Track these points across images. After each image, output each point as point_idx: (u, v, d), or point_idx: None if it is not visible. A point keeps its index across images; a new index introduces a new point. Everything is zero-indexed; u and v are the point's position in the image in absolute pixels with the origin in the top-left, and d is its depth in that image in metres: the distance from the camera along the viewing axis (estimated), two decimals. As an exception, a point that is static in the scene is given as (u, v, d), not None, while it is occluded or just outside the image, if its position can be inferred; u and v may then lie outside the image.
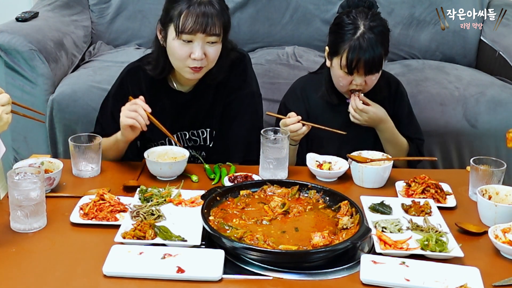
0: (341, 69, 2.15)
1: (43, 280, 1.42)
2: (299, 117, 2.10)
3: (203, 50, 1.98)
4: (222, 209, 1.71)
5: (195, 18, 1.94)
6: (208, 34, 1.96)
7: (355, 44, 2.10)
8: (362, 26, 2.12)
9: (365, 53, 2.10)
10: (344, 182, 2.00)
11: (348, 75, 2.15)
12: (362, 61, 2.10)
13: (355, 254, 1.55)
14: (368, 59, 2.10)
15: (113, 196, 1.74)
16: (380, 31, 2.14)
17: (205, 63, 2.01)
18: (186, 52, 1.98)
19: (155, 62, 2.10)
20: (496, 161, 1.89)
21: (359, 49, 2.10)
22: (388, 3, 3.53)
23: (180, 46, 1.98)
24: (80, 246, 1.56)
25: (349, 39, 2.12)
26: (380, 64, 2.14)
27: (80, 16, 3.48)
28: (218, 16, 1.97)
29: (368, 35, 2.11)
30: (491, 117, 3.00)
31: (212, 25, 1.95)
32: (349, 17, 2.16)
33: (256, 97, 2.25)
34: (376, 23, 2.14)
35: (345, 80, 2.17)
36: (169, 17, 1.99)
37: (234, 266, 1.49)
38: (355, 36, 2.11)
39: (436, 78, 3.20)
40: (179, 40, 1.97)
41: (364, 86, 2.18)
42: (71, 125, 2.93)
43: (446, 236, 1.59)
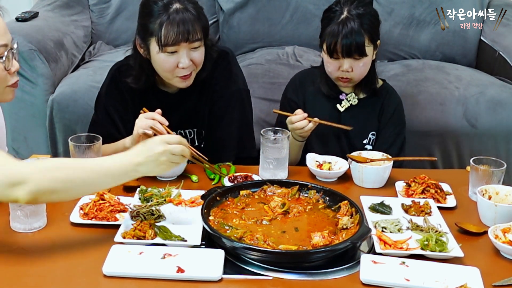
0: (325, 53, 2.20)
1: (43, 280, 1.42)
2: (305, 114, 2.12)
3: (189, 57, 1.99)
4: (222, 209, 1.71)
5: (176, 28, 1.94)
6: (191, 41, 1.97)
7: (334, 28, 2.15)
8: (346, 11, 2.16)
9: (344, 37, 2.13)
10: (344, 182, 2.00)
11: (333, 60, 2.18)
12: (340, 44, 2.14)
13: (355, 254, 1.55)
14: (346, 43, 2.13)
15: (113, 196, 1.74)
16: (366, 18, 2.17)
17: (192, 68, 2.02)
18: (173, 63, 1.99)
19: (138, 75, 2.10)
20: (496, 161, 1.89)
21: (337, 33, 2.14)
22: (388, 3, 3.53)
23: (166, 59, 1.98)
24: (80, 246, 1.56)
25: (332, 24, 2.16)
26: (361, 49, 2.15)
27: (80, 16, 3.48)
28: (197, 21, 1.97)
29: (350, 21, 2.14)
30: (491, 117, 3.00)
31: (193, 31, 1.96)
32: (337, 5, 2.21)
33: (244, 93, 2.24)
34: (361, 11, 2.17)
35: (332, 65, 2.21)
36: (149, 32, 1.98)
37: (234, 266, 1.49)
38: (337, 21, 2.15)
39: (436, 78, 3.20)
40: (163, 53, 1.98)
41: (352, 74, 2.20)
42: (71, 125, 2.93)
43: (446, 236, 1.59)
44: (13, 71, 1.64)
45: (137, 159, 1.52)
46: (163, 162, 1.53)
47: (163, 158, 1.53)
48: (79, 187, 1.49)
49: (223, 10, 3.53)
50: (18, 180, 1.40)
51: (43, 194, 1.43)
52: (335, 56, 2.17)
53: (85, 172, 1.48)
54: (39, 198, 1.44)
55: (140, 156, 1.52)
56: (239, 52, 3.47)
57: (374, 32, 2.21)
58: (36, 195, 1.41)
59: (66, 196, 1.51)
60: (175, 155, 1.55)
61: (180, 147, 1.56)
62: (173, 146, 1.54)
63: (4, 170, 1.42)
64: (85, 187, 1.50)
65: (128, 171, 1.52)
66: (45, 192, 1.43)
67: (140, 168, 1.52)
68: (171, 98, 2.16)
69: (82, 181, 1.48)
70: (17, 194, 1.40)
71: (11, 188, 1.40)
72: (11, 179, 1.40)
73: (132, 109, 2.13)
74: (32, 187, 1.40)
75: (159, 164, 1.53)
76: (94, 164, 1.52)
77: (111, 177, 1.51)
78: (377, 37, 2.24)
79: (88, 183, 1.49)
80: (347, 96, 2.30)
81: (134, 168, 1.52)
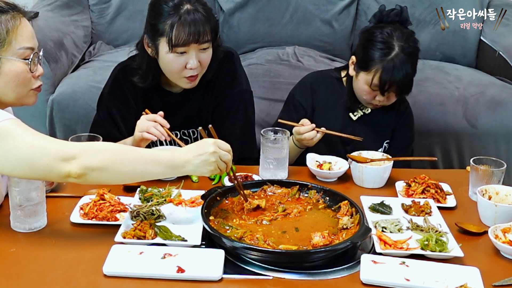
0: (367, 85, 2.15)
1: (43, 280, 1.42)
2: (313, 125, 2.10)
3: (197, 58, 1.99)
4: (222, 209, 1.72)
5: (187, 29, 1.94)
6: (201, 42, 1.97)
7: (389, 66, 2.09)
8: (397, 47, 2.10)
9: (398, 77, 2.09)
10: (344, 182, 2.00)
11: (373, 91, 2.15)
12: (395, 83, 2.11)
13: (355, 254, 1.55)
14: (400, 81, 2.10)
15: (113, 196, 1.74)
16: (412, 52, 2.12)
17: (199, 69, 2.03)
18: (182, 63, 1.99)
19: (145, 74, 2.10)
20: (496, 161, 1.89)
21: (392, 72, 2.08)
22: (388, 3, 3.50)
23: (175, 59, 1.99)
24: (80, 246, 1.56)
25: (383, 60, 2.10)
26: (411, 85, 2.14)
27: (80, 16, 3.48)
28: (207, 22, 1.98)
29: (402, 57, 2.09)
30: (491, 117, 3.00)
31: (203, 33, 1.96)
32: (383, 34, 2.13)
33: (247, 94, 2.25)
34: (410, 44, 2.12)
35: (370, 95, 2.18)
36: (160, 32, 1.98)
37: (234, 266, 1.49)
38: (389, 57, 2.09)
39: (436, 78, 3.21)
40: (173, 54, 1.98)
41: (386, 102, 2.20)
42: (71, 125, 2.93)
43: (446, 236, 1.59)
44: (37, 75, 1.69)
45: (187, 155, 1.55)
46: (211, 163, 1.56)
47: (213, 159, 1.56)
48: (128, 170, 1.52)
49: (223, 10, 3.53)
50: (70, 154, 1.46)
51: (93, 171, 1.47)
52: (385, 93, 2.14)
53: (136, 156, 1.54)
54: (89, 175, 1.47)
55: (191, 153, 1.55)
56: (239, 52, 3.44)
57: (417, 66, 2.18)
58: (86, 171, 1.46)
59: (115, 178, 1.53)
60: (222, 161, 1.58)
61: (229, 156, 1.60)
62: (223, 152, 1.58)
63: (57, 145, 1.49)
64: (134, 171, 1.53)
65: (176, 165, 1.55)
66: (94, 169, 1.47)
67: (188, 165, 1.55)
68: (175, 98, 2.16)
69: (132, 164, 1.52)
70: (69, 167, 1.46)
71: (64, 162, 1.46)
72: (64, 154, 1.46)
73: (134, 110, 2.13)
74: (83, 162, 1.46)
75: (207, 164, 1.56)
76: (145, 151, 1.60)
77: (160, 166, 1.54)
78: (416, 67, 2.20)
79: (138, 168, 1.53)
80: (360, 105, 2.29)
81: (182, 164, 1.55)
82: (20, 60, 1.61)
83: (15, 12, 1.61)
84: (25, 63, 1.62)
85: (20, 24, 1.61)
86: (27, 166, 1.47)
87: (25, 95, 1.67)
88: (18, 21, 1.60)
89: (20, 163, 1.46)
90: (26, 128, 1.51)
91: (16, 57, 1.60)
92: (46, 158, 1.46)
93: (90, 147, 1.53)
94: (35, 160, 1.46)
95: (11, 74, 1.60)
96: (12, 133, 1.47)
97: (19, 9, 1.63)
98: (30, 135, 1.49)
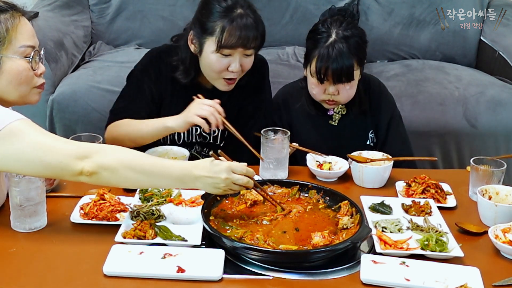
0: (312, 77, 2.14)
1: (43, 280, 1.42)
2: None
3: (240, 62, 2.02)
4: (222, 209, 1.72)
5: (238, 33, 1.96)
6: (247, 48, 2.00)
7: (324, 52, 2.08)
8: (334, 34, 2.10)
9: (333, 62, 2.07)
10: (344, 182, 2.00)
11: (319, 83, 2.13)
12: (330, 69, 2.07)
13: (355, 254, 1.55)
14: (336, 68, 2.07)
15: (114, 196, 1.74)
16: (354, 41, 2.10)
17: (240, 74, 2.05)
18: (224, 65, 2.01)
19: (187, 70, 2.12)
20: (496, 161, 1.89)
21: (327, 58, 2.07)
22: (388, 3, 3.53)
23: (218, 60, 2.01)
24: (80, 246, 1.56)
25: (320, 47, 2.10)
26: (350, 74, 2.09)
27: (80, 16, 3.48)
28: (256, 29, 2.00)
29: (339, 44, 2.07)
30: (491, 117, 3.01)
31: (252, 39, 1.99)
32: (324, 26, 2.14)
33: (269, 105, 2.29)
34: (349, 33, 2.10)
35: (318, 88, 2.15)
36: (209, 31, 2.00)
37: (234, 266, 1.49)
38: (325, 44, 2.09)
39: (436, 78, 3.21)
40: (217, 54, 1.99)
41: (338, 97, 2.15)
42: (71, 125, 2.93)
43: (446, 236, 1.59)
44: (39, 73, 1.69)
45: (199, 172, 1.56)
46: (220, 187, 1.58)
47: (222, 185, 1.57)
48: (137, 174, 1.54)
49: (223, 10, 3.52)
50: (86, 153, 1.51)
51: (105, 171, 1.50)
52: (325, 81, 2.11)
53: (146, 162, 1.56)
54: (100, 174, 1.50)
55: (203, 172, 1.56)
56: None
57: (362, 54, 2.14)
58: (99, 170, 1.50)
59: (125, 181, 1.55)
60: (236, 185, 1.59)
61: (245, 180, 1.60)
62: (238, 177, 1.58)
63: (74, 144, 1.56)
64: (143, 176, 1.55)
65: (186, 181, 1.57)
66: (106, 169, 1.51)
67: (198, 183, 1.57)
68: (204, 93, 2.14)
69: (141, 169, 1.54)
70: (82, 165, 1.49)
71: (78, 161, 1.49)
72: (80, 152, 1.50)
73: (163, 94, 2.15)
74: (96, 161, 1.50)
75: (215, 188, 1.58)
76: (158, 161, 1.61)
77: (169, 179, 1.57)
78: (364, 59, 2.17)
79: (147, 173, 1.55)
80: (335, 109, 2.25)
81: (192, 180, 1.57)
82: (21, 58, 1.62)
83: (14, 11, 1.62)
84: (26, 61, 1.63)
85: (19, 22, 1.62)
86: (40, 164, 1.49)
87: (28, 93, 1.68)
88: (17, 20, 1.61)
89: (33, 161, 1.48)
90: (38, 127, 1.53)
91: (17, 55, 1.61)
92: (59, 156, 1.49)
93: (107, 147, 1.57)
94: (48, 158, 1.48)
95: (12, 72, 1.61)
96: (24, 133, 1.49)
97: (18, 8, 1.64)
98: (42, 134, 1.52)
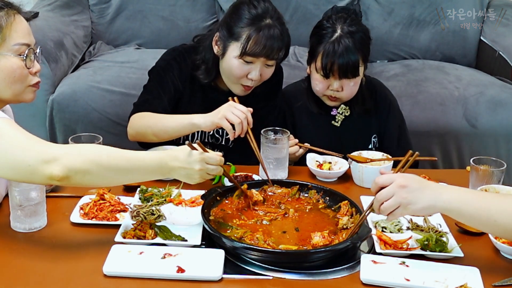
0: (317, 73, 2.14)
1: (43, 280, 1.42)
2: (296, 140, 2.10)
3: (261, 71, 2.03)
4: (222, 209, 1.72)
5: (263, 42, 1.98)
6: (270, 59, 2.01)
7: (330, 47, 2.09)
8: (340, 30, 2.11)
9: (339, 57, 2.07)
10: (344, 182, 2.00)
11: (324, 79, 2.13)
12: (336, 64, 2.08)
13: (355, 254, 1.55)
14: (342, 63, 2.08)
15: (113, 196, 1.74)
16: (359, 37, 2.11)
17: (258, 82, 2.07)
18: (245, 71, 2.02)
19: (209, 70, 2.13)
20: (496, 161, 1.89)
21: (333, 53, 2.08)
22: (388, 3, 3.53)
23: (240, 66, 2.02)
24: (80, 246, 1.56)
25: (325, 42, 2.10)
26: (355, 69, 2.10)
27: (80, 16, 3.48)
28: (282, 41, 2.01)
29: (345, 39, 2.08)
30: (491, 117, 3.00)
31: (276, 50, 2.00)
32: (329, 22, 2.15)
33: (281, 111, 2.29)
34: (354, 29, 2.11)
35: (322, 84, 2.15)
36: (235, 36, 2.01)
37: (234, 266, 1.49)
38: (331, 39, 2.10)
39: (436, 78, 3.21)
40: (240, 60, 2.01)
41: (341, 93, 2.15)
42: (71, 125, 2.93)
43: (446, 236, 1.59)
44: (34, 71, 1.68)
45: (174, 164, 1.55)
46: (194, 178, 1.58)
47: (197, 176, 1.57)
48: (112, 173, 1.51)
49: (223, 10, 3.53)
50: (52, 156, 1.44)
51: (76, 174, 1.45)
52: (330, 76, 2.11)
53: (120, 159, 1.52)
54: (72, 178, 1.45)
55: (177, 163, 1.55)
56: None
57: (367, 51, 2.15)
58: (69, 173, 1.44)
59: (99, 181, 1.52)
60: (209, 174, 1.59)
61: (218, 170, 1.60)
62: (212, 167, 1.58)
63: (39, 146, 1.47)
64: (118, 174, 1.52)
65: (163, 172, 1.57)
66: (78, 172, 1.45)
67: (173, 173, 1.57)
68: (218, 96, 2.15)
69: (116, 167, 1.51)
70: (51, 170, 1.43)
71: (45, 165, 1.43)
72: (45, 156, 1.44)
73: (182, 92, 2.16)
74: (66, 164, 1.43)
75: (189, 178, 1.58)
76: (131, 154, 1.55)
77: (146, 172, 1.55)
78: (368, 56, 2.18)
79: (122, 171, 1.52)
80: (338, 110, 2.25)
81: (168, 171, 1.56)
82: (15, 56, 1.60)
83: (9, 9, 1.60)
84: (20, 59, 1.61)
85: (14, 20, 1.60)
86: (10, 167, 1.45)
87: (22, 91, 1.66)
88: (12, 18, 1.59)
89: (4, 164, 1.45)
90: (16, 128, 1.49)
91: (12, 53, 1.60)
92: (28, 160, 1.44)
93: (73, 149, 1.52)
94: (18, 161, 1.44)
95: (6, 70, 1.59)
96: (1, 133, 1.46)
97: (13, 6, 1.62)
98: (18, 135, 1.47)
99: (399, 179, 1.45)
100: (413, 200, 1.43)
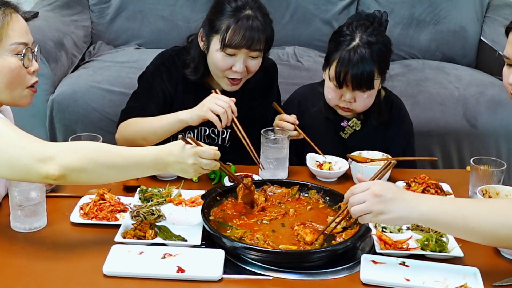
0: (330, 81, 2.08)
1: (43, 280, 1.42)
2: (296, 122, 2.08)
3: (245, 63, 2.02)
4: (222, 209, 1.72)
5: (243, 33, 1.96)
6: (252, 50, 2.00)
7: (345, 55, 2.01)
8: (358, 38, 2.02)
9: (353, 67, 1.99)
10: (344, 182, 2.00)
11: (337, 88, 2.06)
12: (350, 74, 1.99)
13: (355, 254, 1.55)
14: (356, 73, 1.99)
15: (113, 196, 1.74)
16: (377, 48, 2.02)
17: (245, 74, 2.05)
18: (228, 64, 2.02)
19: (196, 67, 2.13)
20: (496, 161, 1.89)
21: (347, 62, 2.00)
22: (388, 3, 3.53)
23: (222, 58, 2.01)
24: (80, 246, 1.56)
25: (342, 50, 2.03)
26: (370, 81, 2.01)
27: (80, 16, 3.48)
28: (263, 31, 2.00)
29: (361, 49, 2.00)
30: (491, 117, 3.01)
31: (257, 41, 1.99)
32: (349, 28, 2.07)
33: None
34: (374, 39, 2.03)
35: (334, 93, 2.08)
36: (215, 29, 2.01)
37: (234, 266, 1.49)
38: (347, 48, 2.02)
39: (436, 78, 3.21)
40: (222, 53, 2.00)
41: (354, 105, 2.08)
42: (71, 125, 2.93)
43: (446, 236, 1.59)
44: (32, 70, 1.67)
45: (168, 159, 1.54)
46: (189, 173, 1.57)
47: (191, 170, 1.56)
48: (108, 170, 1.50)
49: (223, 10, 3.53)
50: (47, 155, 1.44)
51: (72, 172, 1.45)
52: (343, 86, 2.03)
53: (116, 156, 1.51)
54: (68, 176, 1.46)
55: (172, 158, 1.54)
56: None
57: (384, 63, 2.06)
58: (65, 172, 1.44)
59: (96, 178, 1.52)
60: (204, 169, 1.57)
61: (213, 164, 1.57)
62: (205, 162, 1.55)
63: (34, 145, 1.47)
64: (114, 171, 1.52)
65: (159, 168, 1.56)
66: (74, 170, 1.45)
67: (169, 168, 1.55)
68: None
69: (112, 164, 1.50)
70: (47, 169, 1.43)
71: (41, 163, 1.43)
72: (40, 154, 1.44)
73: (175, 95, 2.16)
74: (61, 163, 1.44)
75: (185, 173, 1.57)
76: (126, 151, 1.54)
77: (142, 169, 1.55)
78: (387, 68, 2.09)
79: (118, 168, 1.51)
80: (349, 123, 2.18)
81: (164, 166, 1.55)
82: (13, 56, 1.59)
83: (6, 8, 1.59)
84: (18, 58, 1.60)
85: (11, 19, 1.59)
86: (7, 166, 1.45)
87: (20, 94, 1.65)
88: (9, 17, 1.58)
89: (1, 164, 1.45)
90: (12, 128, 1.49)
91: (9, 52, 1.58)
92: (24, 159, 1.44)
93: (68, 148, 1.51)
94: (14, 160, 1.44)
95: (4, 70, 1.58)
96: None
97: (10, 5, 1.61)
98: (13, 135, 1.47)
99: (374, 187, 1.45)
100: (385, 210, 1.42)
